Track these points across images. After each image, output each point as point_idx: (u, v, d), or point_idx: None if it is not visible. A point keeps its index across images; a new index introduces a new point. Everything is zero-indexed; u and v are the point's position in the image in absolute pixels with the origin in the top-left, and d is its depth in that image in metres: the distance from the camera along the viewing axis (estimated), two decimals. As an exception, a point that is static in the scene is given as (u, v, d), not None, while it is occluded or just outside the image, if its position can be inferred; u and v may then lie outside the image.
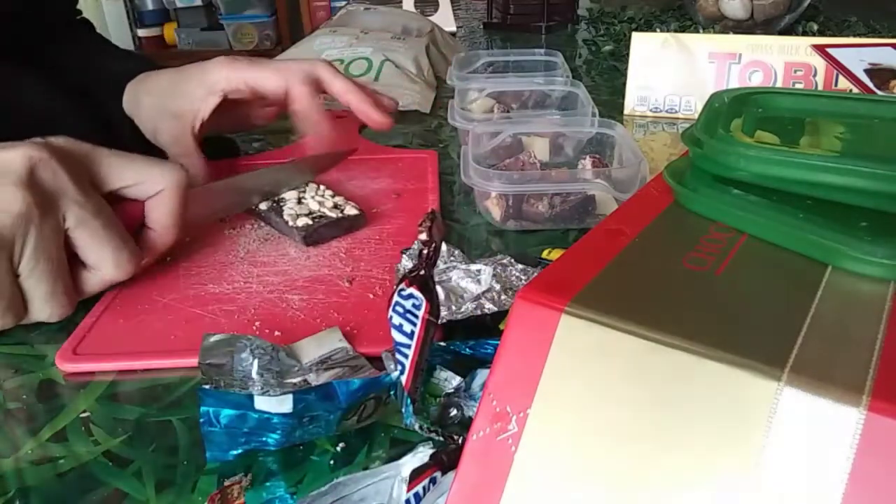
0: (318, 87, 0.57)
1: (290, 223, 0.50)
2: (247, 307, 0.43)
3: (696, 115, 0.39)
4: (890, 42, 0.73)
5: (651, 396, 0.22)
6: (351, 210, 0.52)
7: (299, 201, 0.53)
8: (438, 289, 0.40)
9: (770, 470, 0.20)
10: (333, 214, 0.51)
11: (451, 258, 0.44)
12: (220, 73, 0.55)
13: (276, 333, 0.40)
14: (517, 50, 0.87)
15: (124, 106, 0.59)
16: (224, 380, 0.33)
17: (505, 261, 0.43)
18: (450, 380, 0.36)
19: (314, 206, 0.52)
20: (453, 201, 0.58)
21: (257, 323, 0.41)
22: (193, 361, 0.35)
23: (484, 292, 0.40)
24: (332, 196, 0.54)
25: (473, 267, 0.42)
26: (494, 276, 0.41)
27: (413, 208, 0.55)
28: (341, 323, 0.41)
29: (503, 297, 0.40)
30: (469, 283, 0.41)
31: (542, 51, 0.83)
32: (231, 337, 0.36)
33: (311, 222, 0.50)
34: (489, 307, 0.39)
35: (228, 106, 0.57)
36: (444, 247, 0.44)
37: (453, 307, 0.39)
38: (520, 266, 0.43)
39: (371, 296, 0.44)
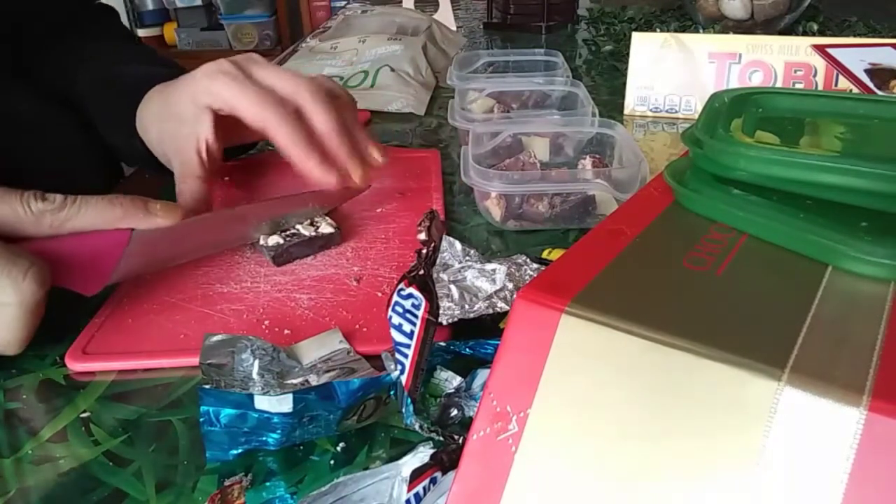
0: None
1: (262, 241, 0.48)
2: (255, 306, 0.43)
3: (696, 115, 0.39)
4: (890, 42, 0.73)
5: (651, 396, 0.22)
6: (326, 228, 0.49)
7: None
8: (453, 288, 0.40)
9: (770, 470, 0.20)
10: (307, 232, 0.49)
11: (467, 258, 0.44)
12: (204, 86, 0.48)
13: (286, 332, 0.41)
14: (517, 50, 0.87)
15: (137, 127, 0.54)
16: (224, 380, 0.33)
17: (520, 260, 0.43)
18: (450, 380, 0.36)
19: (305, 232, 0.49)
20: (453, 201, 0.58)
21: (266, 322, 0.42)
22: (202, 360, 0.35)
23: (496, 291, 0.40)
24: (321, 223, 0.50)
25: (489, 266, 0.42)
26: (508, 275, 0.41)
27: (418, 207, 0.56)
28: (350, 321, 0.41)
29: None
30: (484, 282, 0.41)
31: (542, 51, 0.83)
32: (232, 337, 0.36)
33: (281, 241, 0.47)
34: (501, 306, 0.39)
35: (228, 120, 0.49)
36: (458, 246, 0.44)
37: (466, 306, 0.39)
38: (534, 265, 0.43)
39: (379, 294, 0.44)
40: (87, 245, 0.40)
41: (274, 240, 0.48)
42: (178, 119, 0.50)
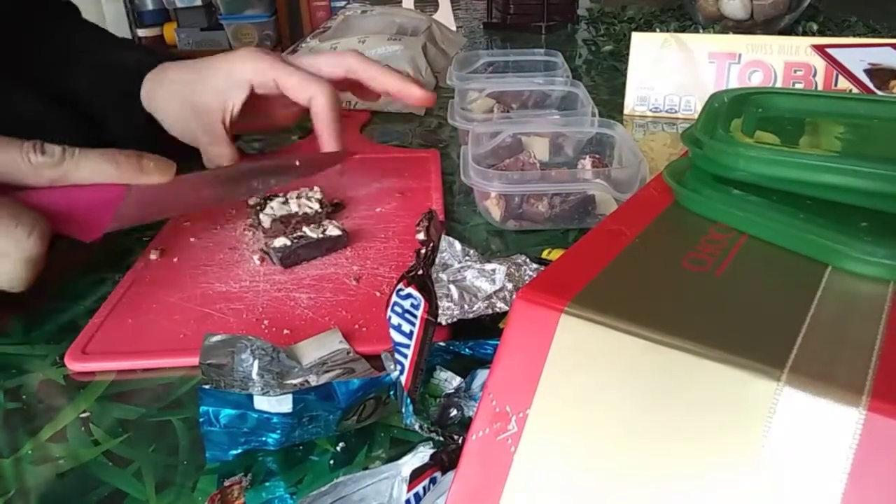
0: (350, 83, 0.59)
1: (270, 243, 0.48)
2: (255, 306, 0.43)
3: (696, 115, 0.39)
4: (890, 42, 0.73)
5: (651, 397, 0.22)
6: (333, 230, 0.49)
7: (286, 201, 0.52)
8: (452, 288, 0.40)
9: (769, 470, 0.20)
10: (314, 234, 0.49)
11: (467, 258, 0.44)
12: (248, 64, 0.54)
13: (285, 332, 0.41)
14: (517, 50, 0.87)
15: (142, 99, 0.57)
16: (224, 380, 0.33)
17: (520, 260, 0.43)
18: (450, 380, 0.36)
19: (294, 208, 0.51)
20: (453, 201, 0.58)
21: (266, 321, 0.42)
22: (202, 360, 0.35)
23: (496, 291, 0.40)
24: (319, 201, 0.52)
25: (489, 266, 0.42)
26: (507, 275, 0.41)
27: (418, 207, 0.56)
28: (350, 321, 0.41)
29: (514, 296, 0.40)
30: (483, 282, 0.41)
31: (542, 51, 0.83)
32: (232, 338, 0.36)
33: (289, 243, 0.48)
34: (501, 306, 0.39)
35: (253, 104, 0.56)
36: (458, 246, 0.44)
37: (465, 306, 0.39)
38: (534, 266, 0.43)
39: (378, 293, 0.44)
40: (85, 197, 0.42)
41: (281, 241, 0.48)
42: (209, 93, 0.55)
